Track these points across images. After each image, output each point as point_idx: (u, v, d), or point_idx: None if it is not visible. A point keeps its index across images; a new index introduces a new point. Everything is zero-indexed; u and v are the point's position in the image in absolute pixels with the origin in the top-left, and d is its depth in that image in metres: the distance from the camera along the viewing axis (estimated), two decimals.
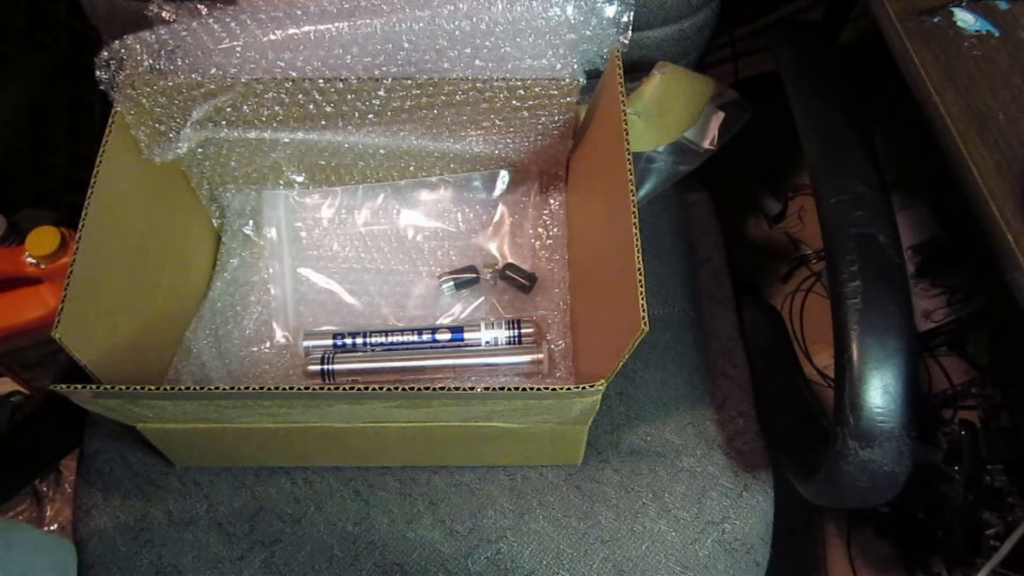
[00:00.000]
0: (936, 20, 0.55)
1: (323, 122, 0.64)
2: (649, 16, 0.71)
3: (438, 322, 0.70)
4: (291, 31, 0.59)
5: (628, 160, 0.54)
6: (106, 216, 0.56)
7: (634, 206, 0.52)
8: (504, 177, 0.74)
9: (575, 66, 0.61)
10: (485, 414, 0.56)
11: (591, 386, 0.48)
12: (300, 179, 0.73)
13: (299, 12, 0.60)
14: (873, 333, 0.48)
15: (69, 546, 0.64)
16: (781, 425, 0.67)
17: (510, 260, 0.72)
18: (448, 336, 0.67)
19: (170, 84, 0.60)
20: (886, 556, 0.97)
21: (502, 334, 0.66)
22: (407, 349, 0.67)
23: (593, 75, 0.63)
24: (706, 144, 0.75)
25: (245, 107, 0.62)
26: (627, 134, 0.55)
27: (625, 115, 0.55)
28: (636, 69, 0.75)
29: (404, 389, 0.49)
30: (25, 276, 0.85)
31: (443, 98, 0.62)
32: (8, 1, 0.93)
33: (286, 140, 0.66)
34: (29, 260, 0.83)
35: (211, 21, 0.59)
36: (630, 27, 0.60)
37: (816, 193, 0.55)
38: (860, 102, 0.59)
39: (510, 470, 0.66)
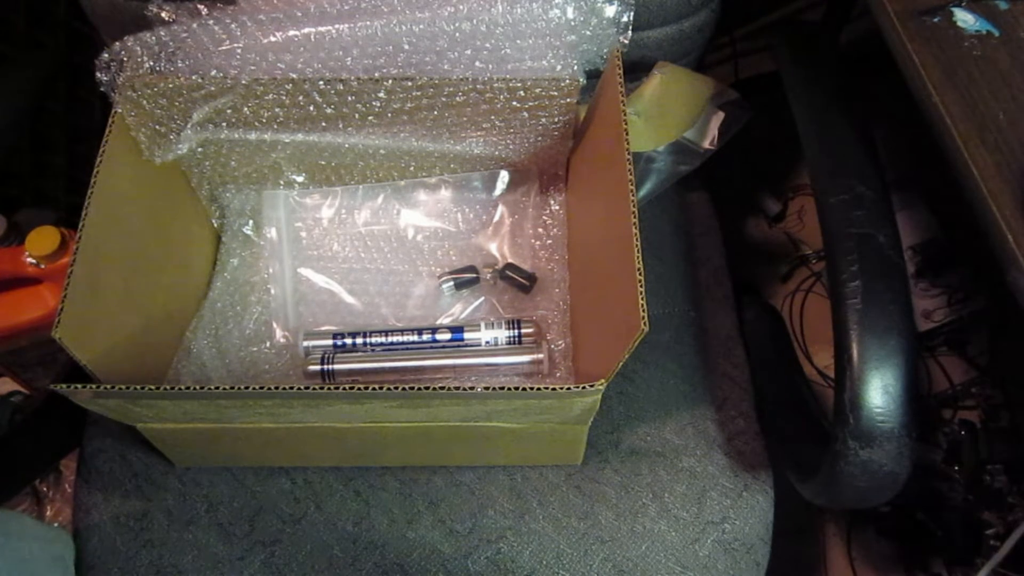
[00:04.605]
0: (936, 20, 0.55)
1: (323, 123, 0.64)
2: (649, 16, 0.71)
3: (438, 322, 0.70)
4: (291, 33, 0.59)
5: (628, 160, 0.54)
6: (106, 216, 0.56)
7: (634, 206, 0.52)
8: (504, 177, 0.74)
9: (575, 67, 0.61)
10: (485, 414, 0.56)
11: (591, 386, 0.48)
12: (300, 179, 0.73)
13: (299, 14, 0.60)
14: (873, 333, 0.48)
15: (67, 538, 0.65)
16: (781, 425, 0.67)
17: (510, 260, 0.72)
18: (448, 336, 0.67)
19: (170, 85, 0.60)
20: (886, 556, 0.97)
21: (502, 334, 0.66)
22: (407, 349, 0.67)
23: (593, 75, 0.63)
24: (706, 144, 0.75)
25: (245, 108, 0.62)
26: (627, 134, 0.55)
27: (625, 115, 0.55)
28: (636, 69, 0.75)
29: (404, 389, 0.49)
30: (25, 276, 0.85)
31: (443, 99, 0.62)
32: (8, 1, 0.93)
33: (286, 141, 0.66)
34: (29, 260, 0.83)
35: (211, 22, 0.59)
36: (630, 27, 0.60)
37: (816, 193, 0.55)
38: (860, 102, 0.59)
39: (510, 470, 0.66)
